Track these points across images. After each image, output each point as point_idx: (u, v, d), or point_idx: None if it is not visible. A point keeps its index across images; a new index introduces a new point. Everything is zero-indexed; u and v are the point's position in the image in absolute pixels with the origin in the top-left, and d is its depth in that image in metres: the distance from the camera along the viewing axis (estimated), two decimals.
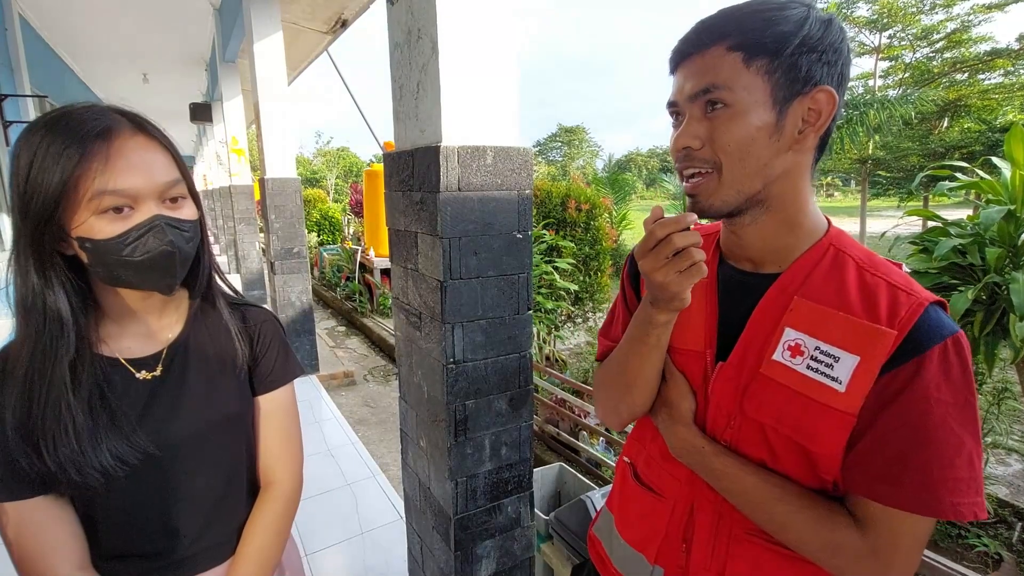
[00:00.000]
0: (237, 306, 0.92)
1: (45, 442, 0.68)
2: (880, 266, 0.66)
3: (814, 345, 0.64)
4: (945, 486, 0.58)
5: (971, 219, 2.56)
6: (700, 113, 0.66)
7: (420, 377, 1.55)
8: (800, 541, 0.65)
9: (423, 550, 1.73)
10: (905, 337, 0.60)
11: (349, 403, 5.05)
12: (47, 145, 0.65)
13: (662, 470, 0.81)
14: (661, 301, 0.67)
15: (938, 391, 0.58)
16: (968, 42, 11.11)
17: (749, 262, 0.74)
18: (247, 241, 7.05)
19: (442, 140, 1.29)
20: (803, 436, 0.64)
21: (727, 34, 0.63)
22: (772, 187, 0.66)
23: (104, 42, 6.20)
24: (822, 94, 0.63)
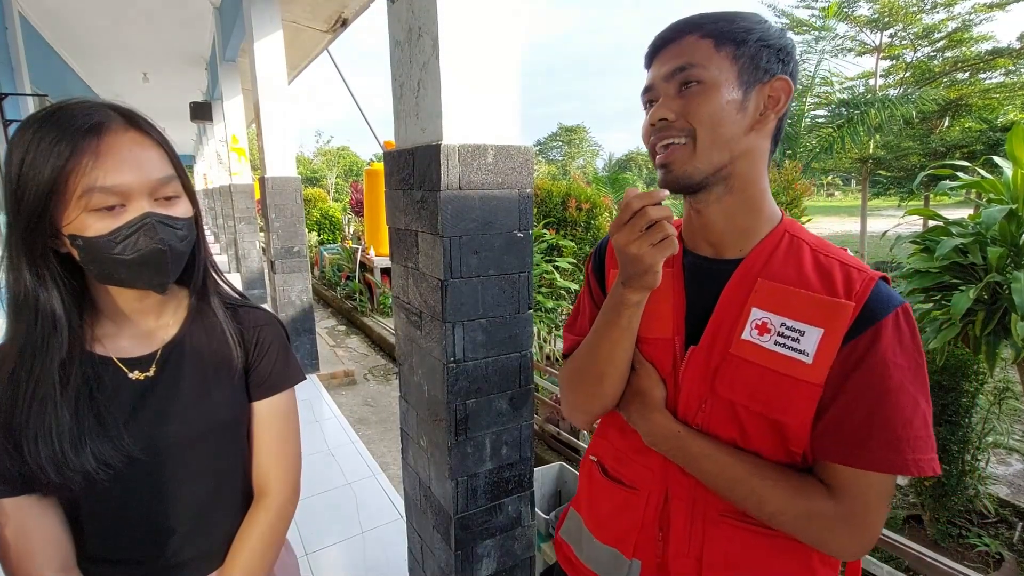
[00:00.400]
0: (236, 307, 0.89)
1: (27, 441, 0.67)
2: (831, 249, 0.72)
3: (780, 322, 0.68)
4: (908, 444, 0.62)
5: (972, 218, 2.56)
6: (675, 91, 0.71)
7: (421, 376, 1.55)
8: (777, 512, 0.67)
9: (423, 549, 1.73)
10: (862, 308, 0.65)
11: (349, 402, 5.05)
12: (39, 140, 0.64)
13: (634, 463, 0.82)
14: (634, 277, 0.69)
15: (894, 356, 0.63)
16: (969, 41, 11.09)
17: (711, 247, 0.77)
18: (247, 240, 7.05)
19: (443, 138, 1.29)
20: (775, 409, 0.68)
21: (699, 25, 0.70)
22: (736, 164, 0.71)
23: (104, 41, 6.20)
24: (780, 82, 0.71)
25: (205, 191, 12.30)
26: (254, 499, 0.88)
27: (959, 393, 2.79)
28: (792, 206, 6.09)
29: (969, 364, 2.77)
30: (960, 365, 2.77)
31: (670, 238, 0.65)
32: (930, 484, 2.88)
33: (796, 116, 9.96)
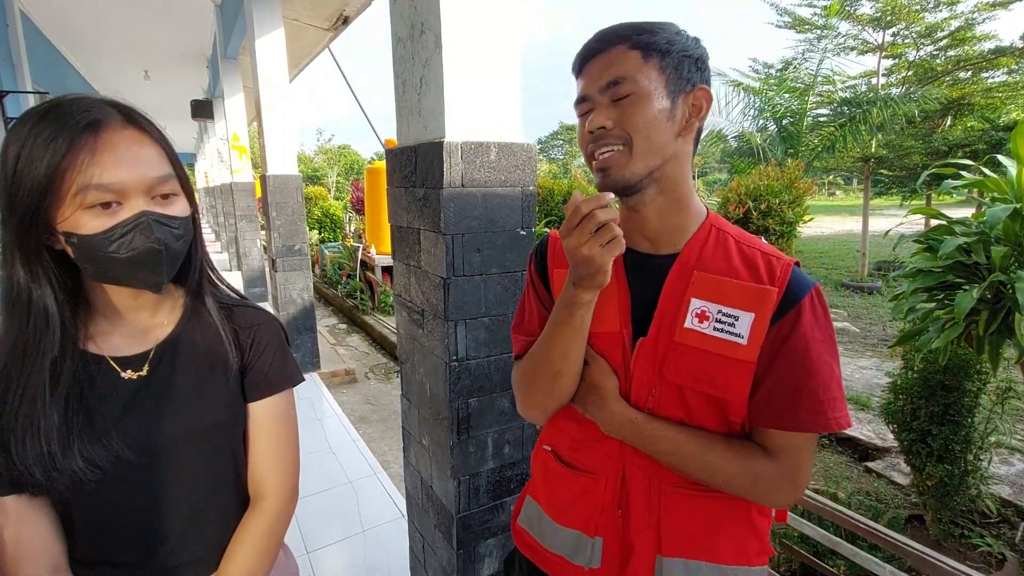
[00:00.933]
0: (232, 307, 0.87)
1: (15, 440, 0.65)
2: (752, 240, 0.81)
3: (717, 309, 0.76)
4: (830, 405, 0.72)
5: (976, 217, 2.55)
6: (609, 101, 0.75)
7: (423, 375, 1.54)
8: (730, 478, 0.76)
9: (425, 548, 1.73)
10: (784, 292, 0.73)
11: (350, 401, 5.05)
12: (35, 136, 0.63)
13: (592, 450, 0.87)
14: (586, 277, 0.73)
15: (812, 331, 0.73)
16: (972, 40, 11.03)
17: (648, 242, 0.83)
18: (248, 238, 7.05)
19: (445, 136, 1.28)
20: (717, 387, 0.75)
21: (626, 37, 0.75)
22: (666, 167, 0.77)
23: (106, 38, 6.20)
24: (702, 91, 0.77)
25: (206, 189, 12.30)
26: (250, 503, 0.86)
27: (962, 393, 2.78)
28: (795, 205, 6.08)
29: (972, 364, 2.76)
30: (963, 365, 2.76)
31: (618, 238, 0.70)
32: (932, 484, 2.87)
33: (798, 115, 9.94)
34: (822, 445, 4.20)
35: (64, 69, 6.65)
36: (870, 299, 9.08)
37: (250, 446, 0.86)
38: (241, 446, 0.86)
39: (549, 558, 0.91)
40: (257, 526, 0.84)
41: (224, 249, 10.68)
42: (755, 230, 6.10)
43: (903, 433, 2.98)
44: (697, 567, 0.80)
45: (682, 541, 0.80)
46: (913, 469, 3.01)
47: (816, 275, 11.32)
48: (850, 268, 11.78)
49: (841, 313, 8.19)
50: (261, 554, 0.83)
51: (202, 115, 7.84)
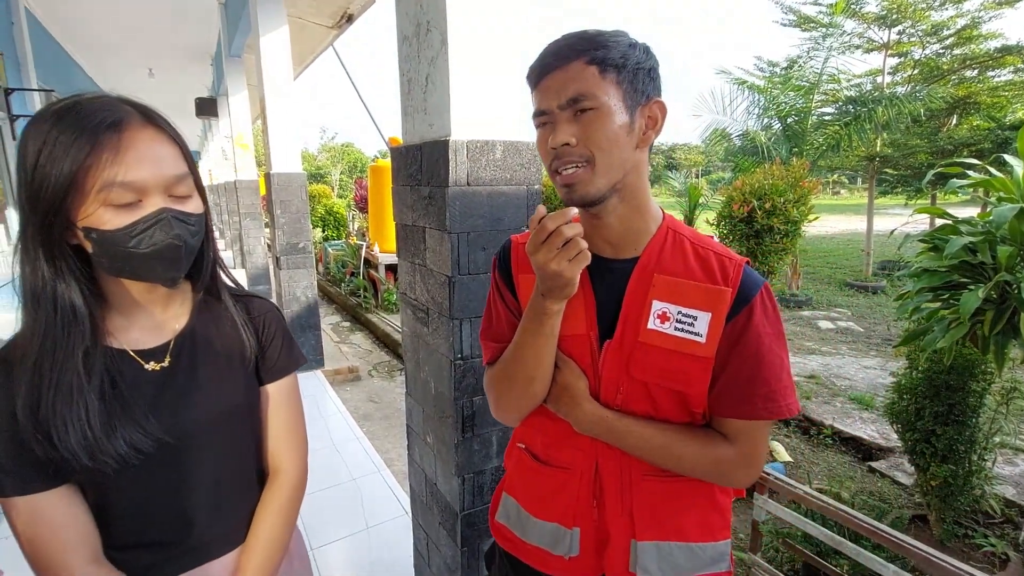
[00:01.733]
0: (240, 298, 0.92)
1: (56, 428, 0.68)
2: (704, 240, 0.85)
3: (677, 310, 0.80)
4: (781, 393, 0.78)
5: (982, 217, 2.54)
6: (571, 116, 0.77)
7: (427, 373, 1.55)
8: (695, 465, 0.82)
9: (429, 545, 1.73)
10: (737, 292, 0.79)
11: (354, 398, 5.06)
12: (57, 135, 0.64)
13: (566, 447, 0.91)
14: (555, 290, 0.76)
15: (763, 326, 0.79)
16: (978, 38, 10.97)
17: (610, 247, 0.86)
18: (252, 236, 7.06)
19: (451, 134, 1.28)
20: (680, 383, 0.81)
21: (583, 52, 0.76)
22: (627, 178, 0.80)
23: (110, 36, 6.21)
24: (656, 104, 0.80)
25: (210, 187, 12.33)
26: (269, 477, 0.93)
27: (966, 393, 2.77)
28: (799, 204, 6.05)
29: (977, 364, 2.75)
30: (968, 365, 2.75)
31: (584, 252, 0.73)
32: (936, 485, 2.87)
33: (803, 113, 9.90)
34: (826, 445, 4.19)
35: (69, 67, 6.67)
36: (874, 299, 9.05)
37: (266, 425, 0.92)
38: (258, 425, 0.92)
39: (530, 550, 0.95)
40: (278, 498, 0.91)
41: (228, 247, 10.71)
42: (760, 229, 6.08)
43: (907, 433, 2.97)
44: (668, 548, 0.86)
45: (653, 525, 0.86)
46: (917, 469, 3.00)
47: (820, 274, 11.28)
48: (854, 267, 11.74)
49: (845, 313, 8.17)
50: (284, 522, 0.90)
51: (206, 113, 7.86)
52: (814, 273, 11.40)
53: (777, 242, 6.08)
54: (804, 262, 11.49)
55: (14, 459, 0.69)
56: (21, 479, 0.70)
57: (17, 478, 0.70)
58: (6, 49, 4.03)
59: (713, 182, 12.92)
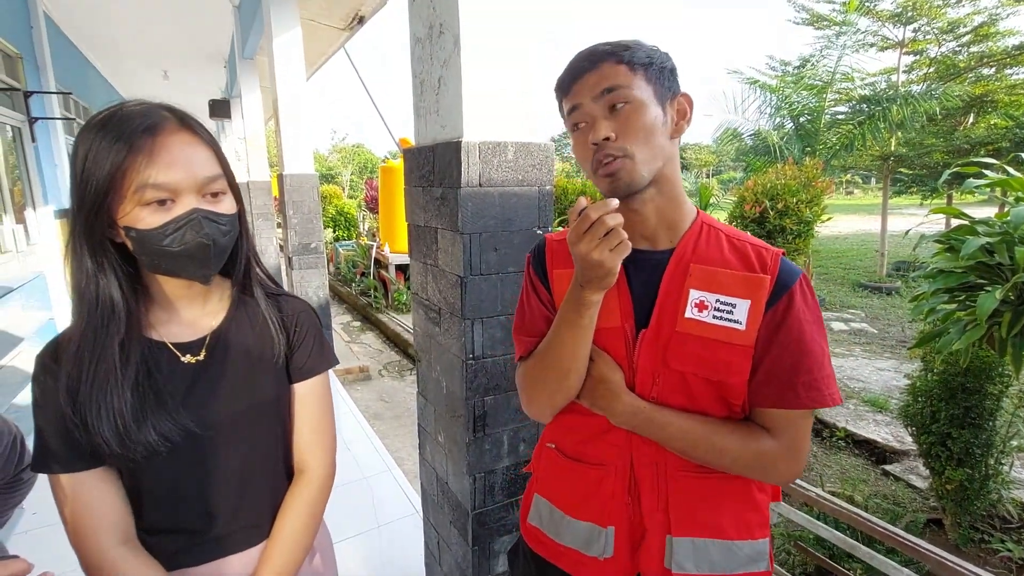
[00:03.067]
0: (275, 296, 0.95)
1: (90, 415, 0.72)
2: (739, 233, 0.86)
3: (715, 298, 0.80)
4: (824, 382, 0.77)
5: (1000, 217, 2.50)
6: (605, 112, 0.79)
7: (439, 372, 1.56)
8: (736, 458, 0.80)
9: (440, 544, 1.74)
10: (776, 279, 0.79)
11: (364, 398, 5.09)
12: (100, 140, 0.70)
13: (600, 442, 0.90)
14: (595, 280, 0.76)
15: (804, 314, 0.78)
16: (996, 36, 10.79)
17: (645, 240, 0.87)
18: (265, 236, 7.12)
19: (463, 135, 1.29)
20: (719, 372, 0.80)
21: (610, 54, 0.79)
22: (664, 168, 0.82)
23: (126, 39, 6.30)
24: (684, 97, 0.84)
25: None
26: (295, 475, 0.95)
27: (983, 396, 2.73)
28: (812, 204, 6.00)
29: (994, 366, 2.71)
30: (984, 367, 2.71)
31: (624, 242, 0.73)
32: (952, 488, 2.83)
33: (816, 112, 9.80)
34: (839, 448, 4.15)
35: (85, 69, 6.78)
36: (888, 300, 8.94)
37: (295, 423, 0.94)
38: (287, 422, 0.94)
39: (562, 552, 0.94)
40: (302, 496, 0.92)
41: None
42: (772, 229, 6.03)
43: (922, 436, 2.94)
44: (704, 544, 0.84)
45: (690, 520, 0.84)
46: (932, 472, 2.97)
47: (833, 275, 11.16)
48: (868, 268, 11.61)
49: (859, 314, 8.08)
50: (308, 520, 0.91)
51: (220, 114, 7.93)
52: (827, 274, 11.28)
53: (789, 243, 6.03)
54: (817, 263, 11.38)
55: (57, 440, 0.75)
56: (62, 459, 0.75)
57: (58, 457, 0.75)
58: (25, 52, 4.10)
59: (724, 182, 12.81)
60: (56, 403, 0.73)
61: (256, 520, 0.89)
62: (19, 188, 4.02)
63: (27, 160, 4.05)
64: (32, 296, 3.67)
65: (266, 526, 0.89)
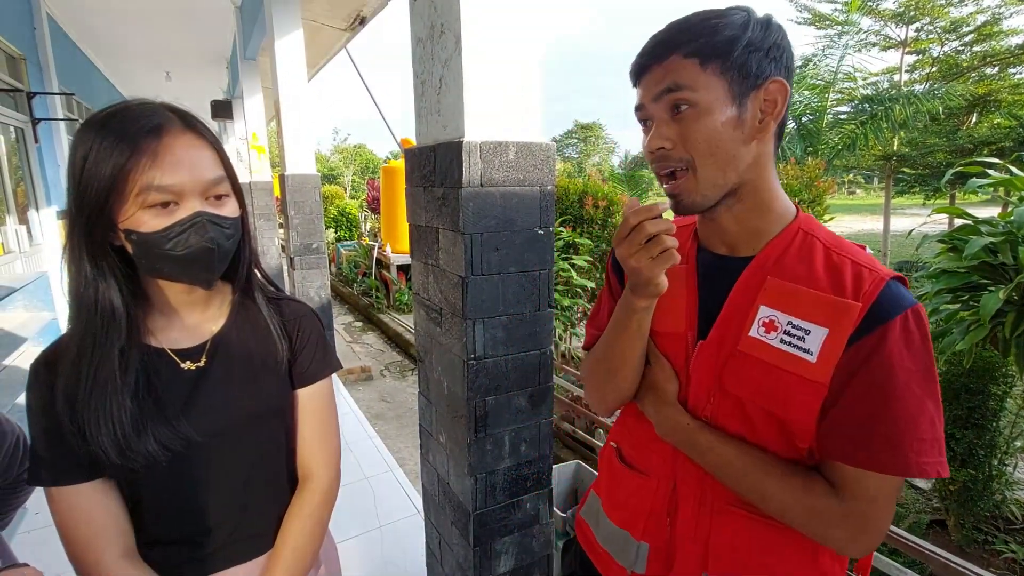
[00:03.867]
0: (276, 300, 0.93)
1: (89, 425, 0.70)
2: (845, 247, 0.72)
3: (786, 320, 0.70)
4: (911, 447, 0.62)
5: (1003, 217, 2.50)
6: (667, 116, 0.71)
7: (440, 373, 1.56)
8: (783, 508, 0.69)
9: (441, 545, 1.74)
10: (869, 309, 0.65)
11: (366, 398, 5.10)
12: (101, 140, 0.67)
13: (648, 451, 0.85)
14: (638, 286, 0.72)
15: (901, 358, 0.63)
16: (999, 35, 10.79)
17: (725, 246, 0.79)
18: (267, 237, 7.12)
19: (464, 136, 1.29)
20: (779, 406, 0.69)
21: (680, 44, 0.69)
22: (744, 176, 0.72)
23: (128, 41, 6.31)
24: (774, 85, 0.70)
25: None
26: (299, 483, 0.92)
27: (986, 396, 2.72)
28: (814, 204, 5.99)
29: (997, 367, 2.71)
30: (988, 367, 2.71)
31: (669, 251, 0.67)
32: (955, 489, 2.82)
33: (818, 112, 9.78)
34: None
35: (89, 70, 6.79)
36: None
37: (298, 430, 0.92)
38: (290, 429, 0.91)
39: (599, 553, 0.91)
40: (307, 505, 0.89)
41: None
42: None
43: None
44: None
45: (731, 564, 0.75)
46: None
47: None
48: None
49: None
50: (312, 529, 0.89)
51: (222, 115, 7.95)
52: None
53: None
54: None
55: (52, 451, 0.72)
56: (57, 471, 0.72)
57: (53, 469, 0.72)
58: (28, 54, 4.12)
59: None
60: (53, 412, 0.71)
61: (259, 531, 0.86)
62: (22, 189, 4.03)
63: (30, 161, 4.06)
64: (35, 296, 3.68)
65: (270, 537, 0.87)
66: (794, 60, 0.75)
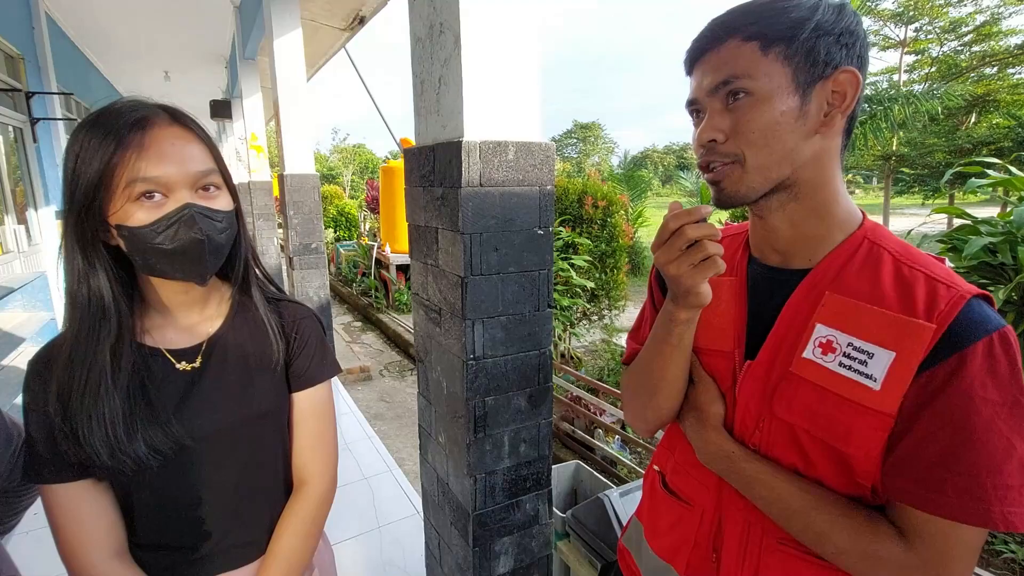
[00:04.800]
0: (276, 301, 0.91)
1: (81, 424, 0.69)
2: (919, 259, 0.63)
3: (847, 341, 0.61)
4: (995, 494, 0.54)
5: (1003, 217, 2.50)
6: (721, 106, 0.65)
7: (439, 373, 1.55)
8: (838, 552, 0.61)
9: (441, 545, 1.74)
10: (945, 331, 0.56)
11: (366, 398, 5.10)
12: (90, 137, 0.68)
13: (690, 478, 0.78)
14: (679, 296, 0.66)
15: (983, 389, 0.55)
16: (998, 35, 10.81)
17: (778, 255, 0.72)
18: (266, 237, 7.12)
19: (464, 135, 1.29)
20: (836, 438, 0.61)
21: (740, 27, 0.63)
22: (801, 172, 0.65)
23: (127, 40, 6.31)
24: (844, 75, 0.63)
25: None
26: (294, 488, 0.91)
27: None
28: None
29: None
30: None
31: (712, 258, 0.61)
32: None
33: None
34: None
35: (87, 70, 6.78)
36: None
37: (294, 434, 0.90)
38: (286, 434, 0.90)
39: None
40: (301, 510, 0.88)
41: None
42: None
43: None
44: None
45: None
46: None
47: None
48: None
49: None
50: (305, 536, 0.87)
51: (221, 115, 7.95)
52: None
53: None
54: None
55: (46, 450, 0.72)
56: (51, 469, 0.72)
57: (47, 468, 0.72)
58: (27, 53, 4.11)
59: None
60: (46, 411, 0.71)
61: (252, 536, 0.85)
62: (21, 188, 4.02)
63: (28, 161, 4.05)
64: (34, 296, 3.68)
65: (263, 543, 0.86)
66: (868, 50, 0.67)
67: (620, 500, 1.99)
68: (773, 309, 0.69)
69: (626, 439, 4.24)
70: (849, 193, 0.70)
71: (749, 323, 0.73)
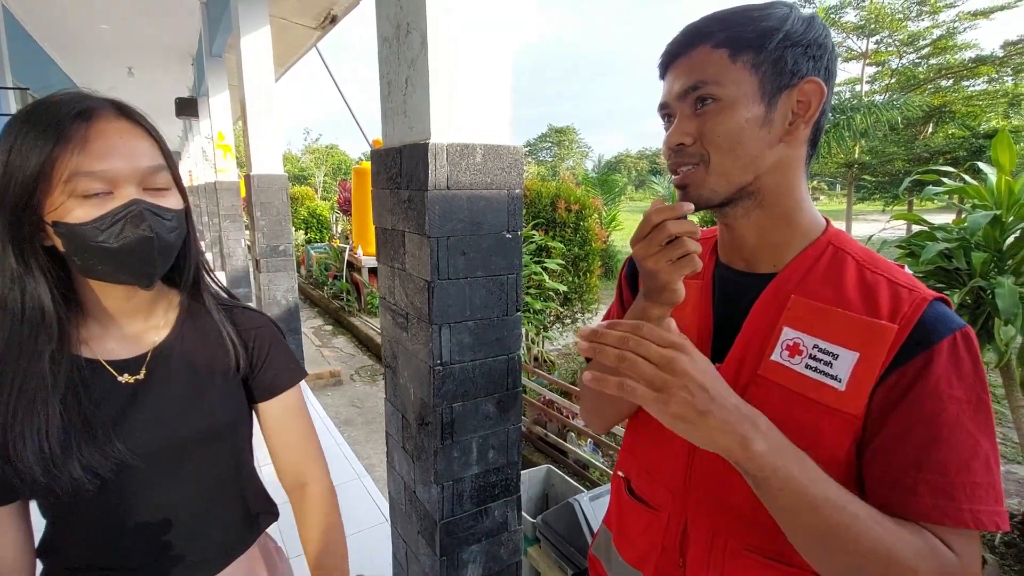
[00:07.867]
0: (229, 308, 0.86)
1: (13, 439, 0.64)
2: (881, 265, 0.65)
3: (812, 343, 0.62)
4: (963, 491, 0.54)
5: (957, 223, 2.59)
6: (690, 111, 0.66)
7: (406, 379, 1.53)
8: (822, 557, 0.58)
9: (408, 555, 1.71)
10: (911, 332, 0.57)
11: (335, 403, 5.01)
12: (27, 130, 0.62)
13: (655, 483, 0.78)
14: (653, 292, 0.67)
15: (949, 387, 0.55)
16: (953, 48, 11.29)
17: (743, 261, 0.73)
18: (232, 238, 6.95)
19: (431, 137, 1.27)
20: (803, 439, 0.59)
21: (711, 34, 0.64)
22: (764, 179, 0.66)
23: (89, 34, 6.09)
24: (810, 85, 0.64)
25: (190, 188, 12.13)
26: (297, 491, 0.90)
27: None
28: None
29: None
30: None
31: (690, 255, 0.61)
32: None
33: None
34: None
35: (46, 65, 6.53)
36: None
37: (275, 443, 0.88)
38: (246, 447, 0.86)
39: None
40: (317, 510, 0.89)
41: (208, 249, 10.54)
42: None
43: None
44: None
45: None
46: None
47: None
48: None
49: None
50: (335, 530, 0.90)
51: (187, 113, 7.73)
52: None
53: None
54: None
55: None
56: None
57: None
58: None
59: None
60: None
61: (210, 554, 0.80)
62: None
63: None
64: None
65: (219, 562, 0.81)
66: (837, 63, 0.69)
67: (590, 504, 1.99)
68: (739, 313, 0.70)
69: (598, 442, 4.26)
70: (813, 199, 0.71)
71: (716, 326, 0.73)
